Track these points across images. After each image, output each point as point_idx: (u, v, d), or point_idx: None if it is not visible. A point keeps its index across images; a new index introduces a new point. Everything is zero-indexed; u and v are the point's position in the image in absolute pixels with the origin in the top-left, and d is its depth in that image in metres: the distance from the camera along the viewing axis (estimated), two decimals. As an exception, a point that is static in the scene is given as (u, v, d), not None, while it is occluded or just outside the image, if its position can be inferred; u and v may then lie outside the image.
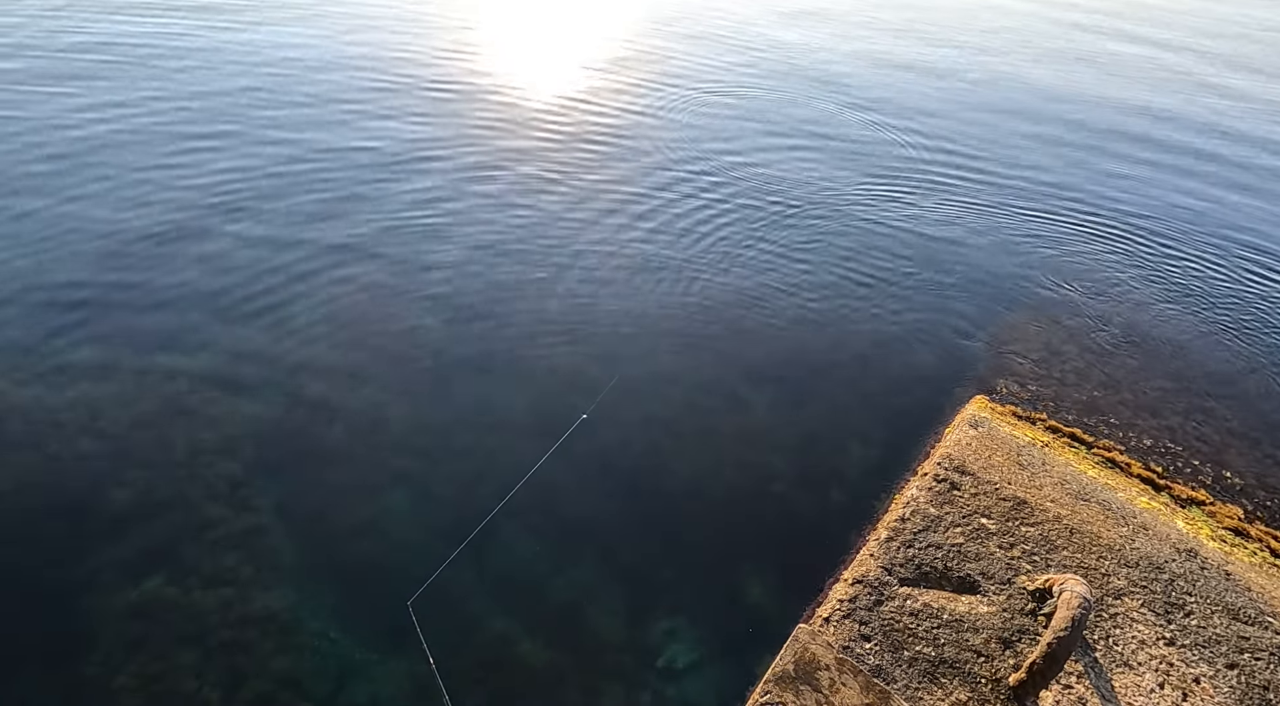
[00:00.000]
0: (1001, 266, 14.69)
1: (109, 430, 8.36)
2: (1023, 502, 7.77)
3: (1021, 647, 6.11)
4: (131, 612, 6.59)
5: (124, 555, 7.05)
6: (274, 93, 18.16)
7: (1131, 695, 5.90)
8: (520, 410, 9.59)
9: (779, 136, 19.80)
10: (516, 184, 15.31)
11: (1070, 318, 13.07)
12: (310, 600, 7.00)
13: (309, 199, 13.63)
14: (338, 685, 6.38)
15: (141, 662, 6.20)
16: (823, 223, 15.44)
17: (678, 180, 16.44)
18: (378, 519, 7.88)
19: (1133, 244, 16.32)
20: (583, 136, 18.14)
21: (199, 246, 11.87)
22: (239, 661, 6.35)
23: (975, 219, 16.68)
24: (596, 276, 12.55)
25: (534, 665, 6.80)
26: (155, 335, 9.90)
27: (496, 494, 8.25)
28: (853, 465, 9.31)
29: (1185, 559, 7.42)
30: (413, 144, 16.44)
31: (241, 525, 7.54)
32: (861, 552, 7.00)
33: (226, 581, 6.97)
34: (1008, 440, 8.90)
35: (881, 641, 6.05)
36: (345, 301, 11.11)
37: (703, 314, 11.96)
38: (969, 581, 6.70)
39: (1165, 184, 19.98)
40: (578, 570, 7.73)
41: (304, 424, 8.91)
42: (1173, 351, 12.35)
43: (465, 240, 13.04)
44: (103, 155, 14.12)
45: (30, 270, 10.76)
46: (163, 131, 15.37)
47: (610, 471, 8.91)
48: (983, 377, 11.04)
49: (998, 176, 19.15)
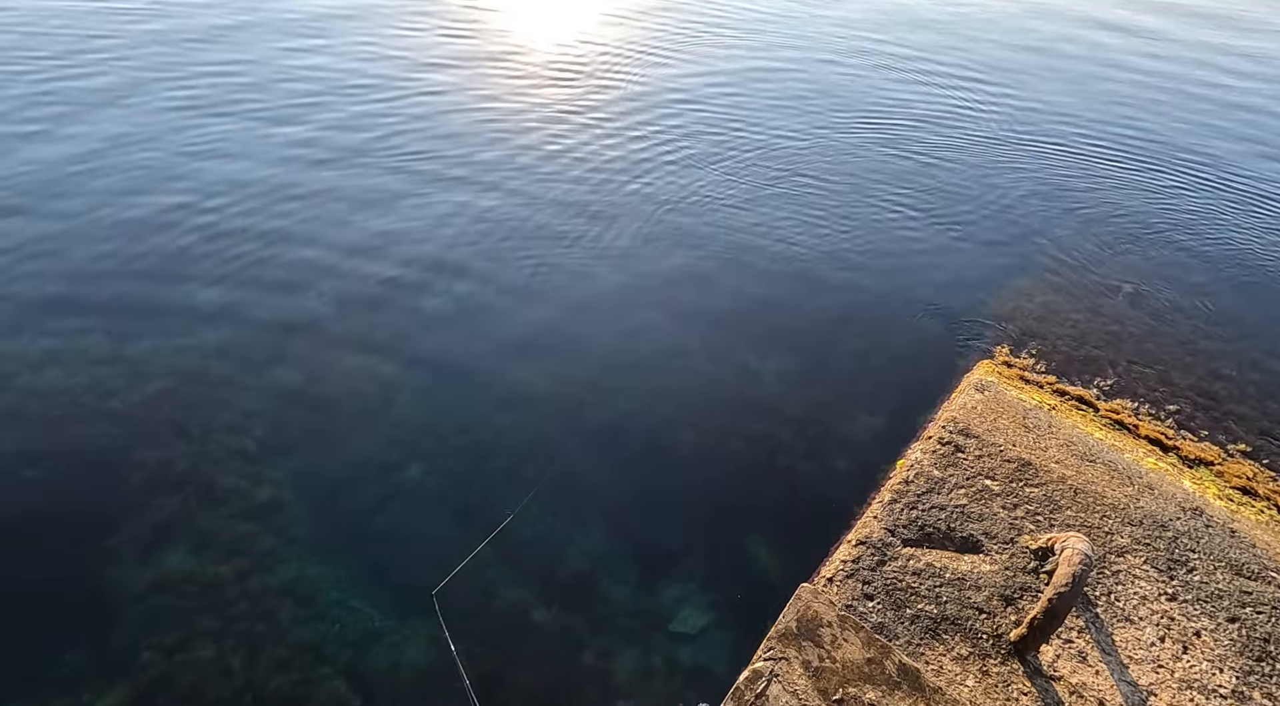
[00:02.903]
0: (1013, 226, 14.50)
1: (122, 410, 8.56)
2: (1027, 464, 7.80)
3: (1023, 605, 6.20)
4: (153, 585, 6.82)
5: (143, 531, 7.27)
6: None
7: (1132, 648, 5.99)
8: (522, 391, 9.68)
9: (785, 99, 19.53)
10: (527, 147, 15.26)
11: (1082, 278, 12.93)
12: (328, 571, 7.20)
13: (296, 177, 13.66)
14: (357, 652, 6.59)
15: (165, 631, 6.44)
16: (826, 191, 15.29)
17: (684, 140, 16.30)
18: (394, 494, 8.04)
19: (1156, 195, 15.96)
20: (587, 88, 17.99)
21: (199, 218, 11.99)
22: (259, 630, 6.57)
23: (986, 172, 16.42)
24: (598, 247, 12.55)
25: (548, 631, 6.99)
26: (164, 313, 10.05)
27: (511, 468, 8.41)
28: (859, 433, 9.37)
29: (1190, 517, 7.44)
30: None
31: (258, 499, 7.73)
32: (865, 515, 7.09)
33: (243, 553, 7.19)
34: (1014, 403, 8.90)
35: (884, 600, 6.16)
36: (354, 279, 11.20)
37: (710, 285, 11.96)
38: (972, 541, 6.78)
39: (1214, 128, 19.37)
40: (589, 539, 7.88)
41: (319, 397, 9.06)
42: (1187, 313, 12.20)
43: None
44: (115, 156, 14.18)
45: (47, 254, 10.92)
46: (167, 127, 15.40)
47: (619, 442, 9.02)
48: (991, 342, 11.00)
49: (1013, 116, 18.81)
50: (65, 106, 15.29)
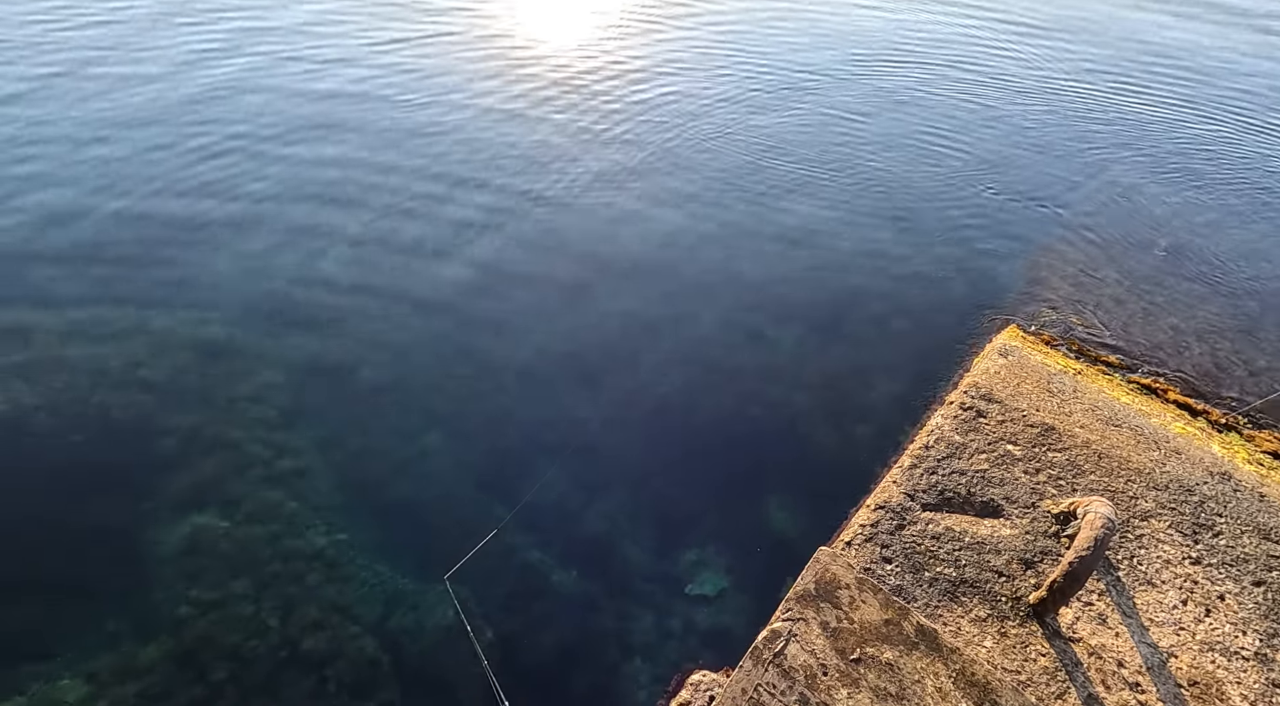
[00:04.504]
0: (1044, 180, 14.07)
1: (150, 378, 8.75)
2: (1051, 429, 7.70)
3: (1043, 568, 6.18)
4: (188, 548, 7.05)
5: (175, 496, 7.49)
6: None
7: (1153, 611, 5.96)
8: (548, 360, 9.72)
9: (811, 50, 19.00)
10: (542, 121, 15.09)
11: (1116, 235, 12.55)
12: (354, 535, 7.38)
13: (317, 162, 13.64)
14: (386, 611, 6.79)
15: (200, 591, 6.67)
16: (848, 151, 14.94)
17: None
18: (415, 459, 8.17)
19: (1205, 144, 15.35)
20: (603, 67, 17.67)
21: (223, 195, 12.07)
22: (290, 591, 6.79)
23: (1017, 124, 15.90)
24: (609, 214, 12.44)
25: (566, 593, 7.13)
26: (183, 285, 10.20)
27: (530, 435, 8.50)
28: (879, 398, 9.30)
29: (1218, 481, 7.32)
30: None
31: (285, 466, 7.92)
32: (884, 480, 7.06)
33: (273, 518, 7.39)
34: (1038, 367, 8.76)
35: (902, 563, 6.17)
36: (373, 246, 11.25)
37: (728, 252, 11.83)
38: (992, 505, 6.74)
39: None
40: (607, 503, 7.97)
41: (340, 367, 9.19)
42: (1226, 272, 11.81)
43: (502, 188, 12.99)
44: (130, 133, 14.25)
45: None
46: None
47: (636, 407, 9.05)
48: (1015, 305, 10.79)
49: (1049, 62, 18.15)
50: (65, 69, 15.36)
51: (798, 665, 5.15)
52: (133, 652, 6.21)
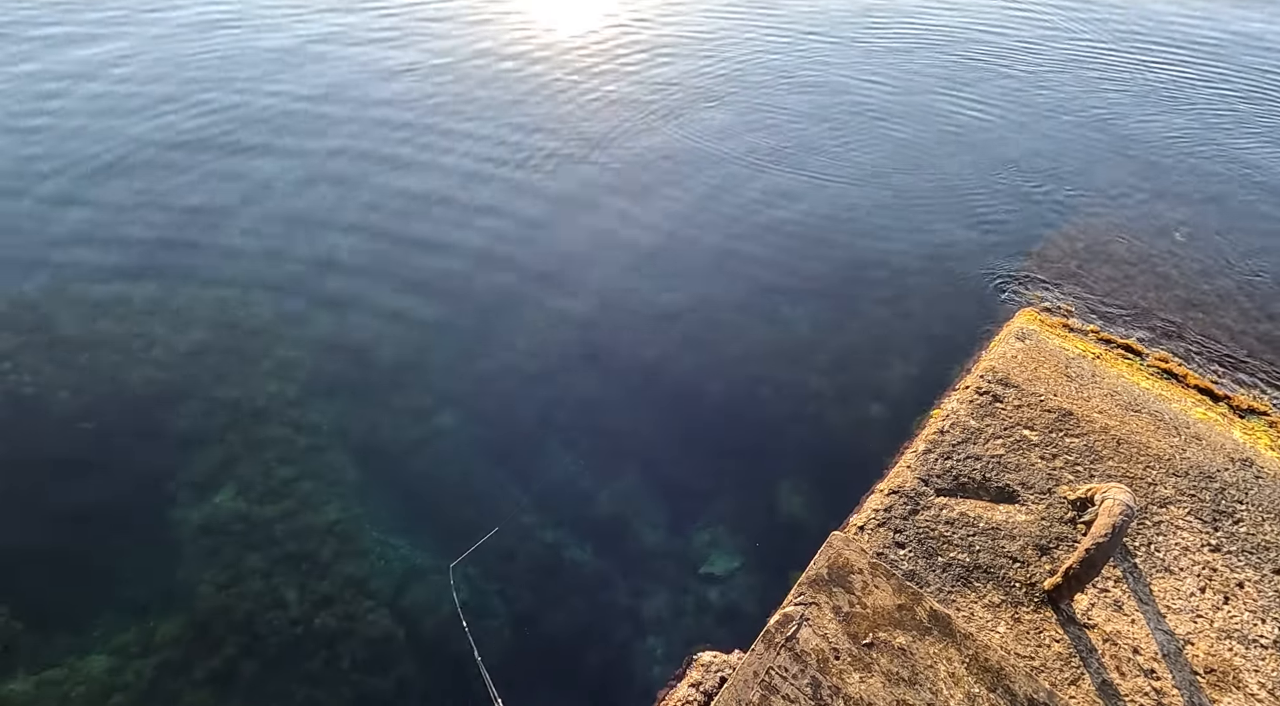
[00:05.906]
0: (1062, 162, 13.76)
1: (165, 358, 8.81)
2: (1068, 414, 7.61)
3: (1059, 555, 6.14)
4: (206, 525, 7.14)
5: (195, 474, 7.58)
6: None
7: (1170, 598, 5.92)
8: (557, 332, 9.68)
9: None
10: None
11: (1134, 217, 12.29)
12: (368, 511, 7.45)
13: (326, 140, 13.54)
14: (400, 587, 6.87)
15: (219, 568, 6.78)
16: (868, 125, 14.65)
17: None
18: (429, 438, 8.20)
19: (1223, 126, 14.94)
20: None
21: (239, 167, 12.04)
22: (306, 567, 6.87)
23: (1037, 104, 15.53)
24: (624, 196, 12.31)
25: (581, 571, 7.17)
26: (202, 267, 10.23)
27: (541, 415, 8.51)
28: (894, 382, 9.21)
29: (1239, 468, 7.22)
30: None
31: (302, 443, 7.98)
32: (898, 465, 7.02)
33: (288, 495, 7.47)
34: (1056, 352, 8.63)
35: (916, 548, 6.15)
36: (386, 225, 11.20)
37: (742, 232, 11.68)
38: (1008, 491, 6.69)
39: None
40: (621, 483, 7.98)
41: (355, 348, 9.20)
42: (1245, 255, 11.54)
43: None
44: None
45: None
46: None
47: (651, 388, 9.02)
48: (1034, 287, 10.61)
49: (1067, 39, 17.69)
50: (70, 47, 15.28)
51: (810, 649, 5.17)
52: (154, 627, 6.33)
